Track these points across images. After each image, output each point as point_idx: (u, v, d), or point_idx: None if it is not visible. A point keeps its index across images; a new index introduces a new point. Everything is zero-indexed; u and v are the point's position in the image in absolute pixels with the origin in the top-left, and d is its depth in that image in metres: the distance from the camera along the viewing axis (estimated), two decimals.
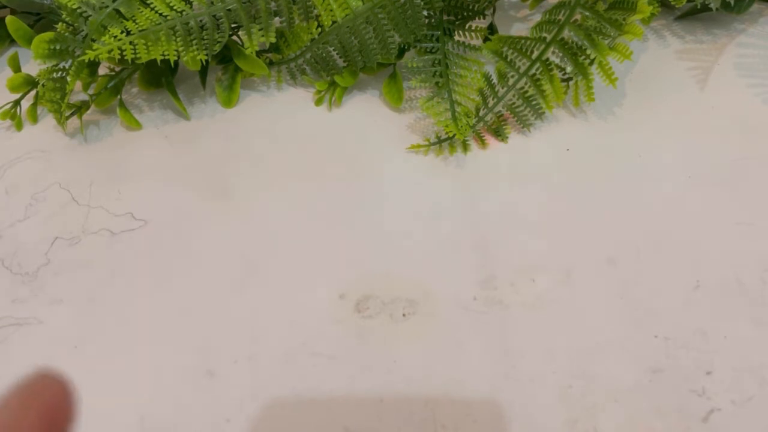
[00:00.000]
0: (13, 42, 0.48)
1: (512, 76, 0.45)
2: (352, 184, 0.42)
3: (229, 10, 0.43)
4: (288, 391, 0.32)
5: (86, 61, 0.41)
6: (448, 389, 0.32)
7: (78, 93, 0.47)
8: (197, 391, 0.32)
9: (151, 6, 0.42)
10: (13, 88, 0.46)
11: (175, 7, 0.42)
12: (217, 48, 0.44)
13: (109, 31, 0.41)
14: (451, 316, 0.35)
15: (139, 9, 0.42)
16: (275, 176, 0.43)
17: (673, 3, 0.47)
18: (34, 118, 0.48)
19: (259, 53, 0.46)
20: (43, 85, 0.45)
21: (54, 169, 0.44)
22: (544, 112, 0.45)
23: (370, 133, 0.46)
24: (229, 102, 0.48)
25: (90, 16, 0.42)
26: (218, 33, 0.43)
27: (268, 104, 0.49)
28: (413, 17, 0.45)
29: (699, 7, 0.52)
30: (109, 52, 0.40)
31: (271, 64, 0.50)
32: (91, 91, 0.47)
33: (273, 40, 0.45)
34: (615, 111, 0.46)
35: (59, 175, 0.44)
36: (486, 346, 0.33)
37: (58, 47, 0.43)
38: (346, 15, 0.44)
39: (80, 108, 0.46)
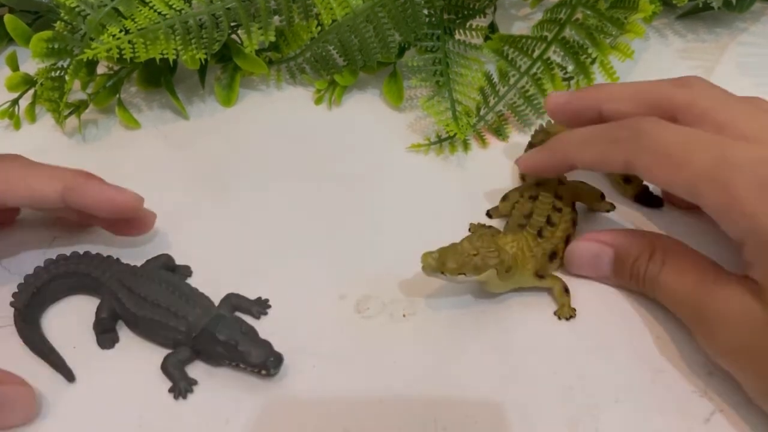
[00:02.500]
0: (11, 41, 0.48)
1: (513, 75, 0.44)
2: (352, 183, 0.42)
3: (228, 8, 0.43)
4: (288, 391, 0.31)
5: (85, 60, 0.41)
6: (449, 390, 0.31)
7: (76, 92, 0.47)
8: (196, 390, 0.32)
9: (150, 5, 0.41)
10: (11, 87, 0.46)
11: (174, 6, 0.42)
12: (216, 47, 0.44)
13: (107, 29, 0.41)
14: (451, 316, 0.34)
15: (137, 8, 0.42)
16: (275, 175, 0.43)
17: (674, 2, 0.47)
18: (33, 117, 0.47)
19: (258, 52, 0.46)
20: (41, 84, 0.45)
21: None
22: (545, 112, 0.44)
23: (370, 133, 0.46)
24: (228, 101, 0.48)
25: (88, 14, 0.42)
26: (217, 32, 0.43)
27: (267, 103, 0.49)
28: (413, 16, 0.45)
29: (701, 5, 0.51)
30: (108, 50, 0.40)
31: (270, 62, 0.49)
32: (89, 90, 0.46)
33: (272, 38, 0.45)
34: None
35: None
36: (486, 346, 0.33)
37: (56, 46, 0.43)
38: (346, 14, 0.44)
39: (79, 107, 0.46)
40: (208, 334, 0.31)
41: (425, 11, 0.45)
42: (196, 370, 0.32)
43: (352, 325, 0.34)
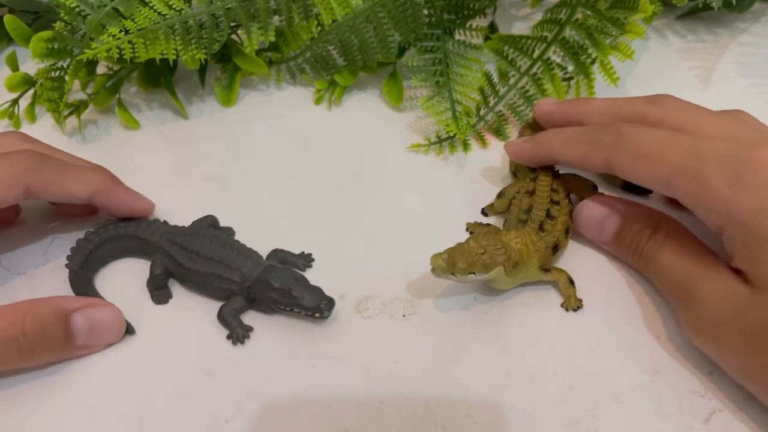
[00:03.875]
0: (11, 41, 0.48)
1: (513, 75, 0.44)
2: (352, 183, 0.42)
3: (228, 8, 0.43)
4: (287, 391, 0.31)
5: (84, 60, 0.41)
6: (448, 390, 0.31)
7: (76, 92, 0.47)
8: (196, 391, 0.32)
9: (150, 5, 0.41)
10: (11, 87, 0.46)
11: (174, 6, 0.42)
12: (216, 47, 0.44)
13: (107, 29, 0.41)
14: (451, 316, 0.34)
15: (137, 8, 0.42)
16: (274, 175, 0.43)
17: (674, 2, 0.47)
18: (33, 118, 0.47)
19: (258, 52, 0.46)
20: (41, 84, 0.45)
21: None
22: None
23: (370, 132, 0.46)
24: (228, 101, 0.48)
25: (88, 14, 0.42)
26: (217, 32, 0.43)
27: (267, 103, 0.49)
28: (413, 16, 0.45)
29: (701, 5, 0.51)
30: (108, 51, 0.40)
31: (270, 63, 0.49)
32: (89, 90, 0.46)
33: (272, 38, 0.45)
34: None
35: None
36: (486, 347, 0.33)
37: (56, 46, 0.43)
38: (346, 14, 0.44)
39: (79, 107, 0.46)
40: (262, 282, 0.33)
41: (425, 11, 0.45)
42: (196, 369, 0.32)
43: (352, 325, 0.34)
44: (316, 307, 0.32)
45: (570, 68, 0.44)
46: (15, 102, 0.47)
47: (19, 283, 0.37)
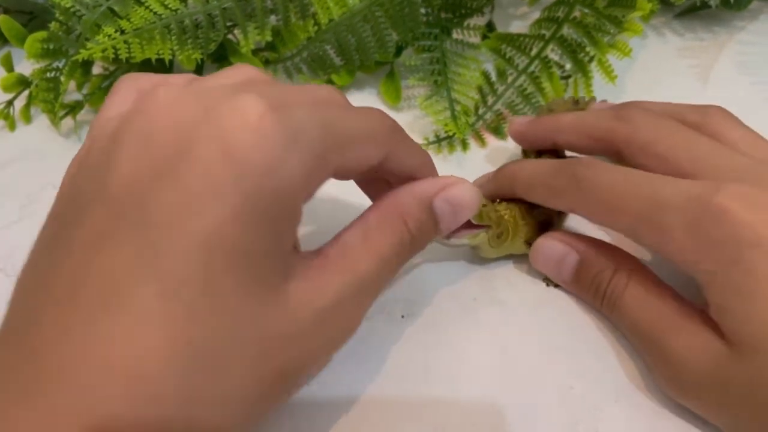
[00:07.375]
0: (6, 42, 0.48)
1: (511, 74, 0.44)
2: (351, 183, 0.42)
3: (224, 8, 0.43)
4: None
5: (80, 60, 0.41)
6: (448, 389, 0.31)
7: (72, 93, 0.47)
8: None
9: (146, 4, 0.41)
10: (6, 88, 0.45)
11: (170, 6, 0.41)
12: (213, 47, 0.44)
13: (103, 29, 0.41)
14: (449, 316, 0.34)
15: (133, 7, 0.42)
16: None
17: (672, 0, 0.47)
18: (28, 119, 0.47)
19: (255, 52, 0.46)
20: (36, 85, 0.45)
21: (48, 169, 0.44)
22: None
23: None
24: None
25: (84, 14, 0.41)
26: (214, 31, 0.43)
27: None
28: (411, 15, 0.45)
29: (698, 4, 0.51)
30: (103, 51, 0.40)
31: (267, 62, 0.49)
32: (85, 91, 0.46)
33: (269, 38, 0.45)
34: None
35: (53, 176, 0.43)
36: (486, 347, 0.33)
37: (51, 46, 0.43)
38: (343, 13, 0.44)
39: (74, 108, 0.45)
40: None
41: (422, 10, 0.45)
42: None
43: None
44: None
45: (568, 66, 0.44)
46: (10, 103, 0.46)
47: None
